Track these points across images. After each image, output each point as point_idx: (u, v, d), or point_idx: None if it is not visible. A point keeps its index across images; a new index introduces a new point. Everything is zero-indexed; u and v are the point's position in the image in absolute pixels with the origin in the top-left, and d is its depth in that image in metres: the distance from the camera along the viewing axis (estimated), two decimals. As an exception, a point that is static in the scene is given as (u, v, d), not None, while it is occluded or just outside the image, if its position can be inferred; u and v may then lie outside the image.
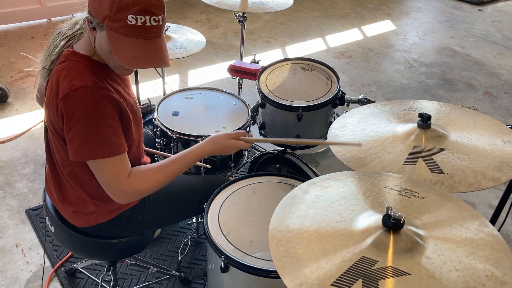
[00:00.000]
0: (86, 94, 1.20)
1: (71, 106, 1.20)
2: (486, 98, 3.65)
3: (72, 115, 1.20)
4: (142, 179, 1.32)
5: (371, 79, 3.79)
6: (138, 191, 1.32)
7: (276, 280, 1.27)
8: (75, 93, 1.19)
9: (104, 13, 1.16)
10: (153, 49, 1.21)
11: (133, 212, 1.48)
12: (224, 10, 2.50)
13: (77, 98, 1.19)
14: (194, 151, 1.41)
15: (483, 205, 2.57)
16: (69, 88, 1.20)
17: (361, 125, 1.44)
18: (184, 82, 3.55)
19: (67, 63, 1.26)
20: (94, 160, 1.25)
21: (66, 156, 1.30)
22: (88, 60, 1.26)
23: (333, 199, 1.09)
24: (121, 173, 1.28)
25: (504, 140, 1.30)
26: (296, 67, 2.08)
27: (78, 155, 1.24)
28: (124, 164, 1.29)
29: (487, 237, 0.97)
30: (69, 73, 1.23)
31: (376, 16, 5.09)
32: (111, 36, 1.18)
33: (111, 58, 1.22)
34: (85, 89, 1.19)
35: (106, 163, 1.25)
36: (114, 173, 1.27)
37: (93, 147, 1.22)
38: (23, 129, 2.84)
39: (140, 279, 1.98)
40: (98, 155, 1.23)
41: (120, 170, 1.28)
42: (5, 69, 3.44)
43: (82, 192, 1.39)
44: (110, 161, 1.25)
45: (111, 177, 1.27)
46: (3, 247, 2.09)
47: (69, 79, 1.21)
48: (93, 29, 1.22)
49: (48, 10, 4.13)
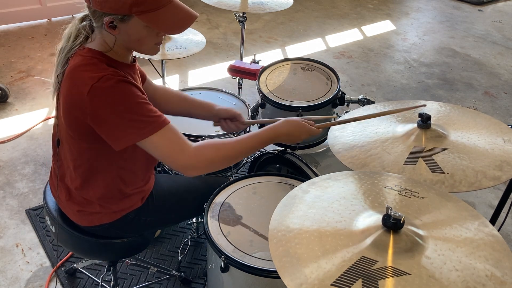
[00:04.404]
0: (109, 81, 1.18)
1: (99, 97, 1.18)
2: (486, 98, 3.65)
3: (103, 107, 1.18)
4: (212, 146, 1.29)
5: (371, 79, 3.79)
6: (207, 157, 1.28)
7: (276, 280, 1.27)
8: (98, 84, 1.17)
9: (128, 3, 1.16)
10: (180, 7, 1.25)
11: (136, 214, 1.48)
12: (224, 10, 2.51)
13: (102, 88, 1.17)
14: (268, 130, 1.38)
15: (483, 205, 2.57)
16: (91, 81, 1.18)
17: (361, 126, 1.44)
18: (184, 82, 3.55)
19: (82, 59, 1.24)
20: (145, 140, 1.21)
21: (81, 156, 1.30)
22: (102, 56, 1.26)
23: (333, 199, 1.09)
24: (179, 141, 1.25)
25: (504, 139, 1.30)
26: (296, 67, 2.08)
27: (126, 141, 1.21)
28: (177, 133, 1.26)
29: (487, 237, 0.97)
30: (85, 68, 1.22)
31: (376, 16, 5.09)
32: (147, 19, 1.19)
33: (146, 42, 1.25)
34: (106, 77, 1.18)
35: (159, 137, 1.22)
36: (172, 143, 1.24)
37: (138, 126, 1.20)
38: (23, 129, 2.85)
39: (140, 279, 1.98)
40: (146, 133, 1.20)
41: (177, 139, 1.25)
42: (5, 69, 3.44)
43: (89, 193, 1.38)
44: (162, 133, 1.22)
45: (171, 148, 1.24)
46: (3, 247, 2.09)
47: (87, 73, 1.20)
48: (114, 28, 1.21)
49: (48, 10, 4.13)
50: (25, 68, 3.46)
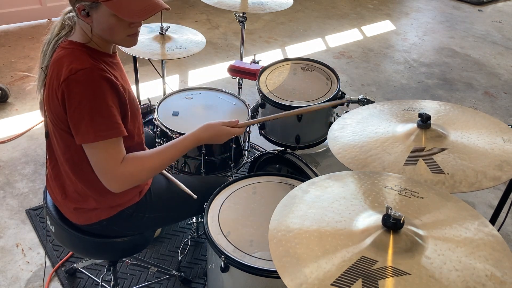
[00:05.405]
0: (86, 76, 1.21)
1: (72, 89, 1.21)
2: (486, 98, 3.66)
3: (74, 98, 1.21)
4: (136, 163, 1.31)
5: (371, 79, 3.79)
6: (133, 176, 1.31)
7: (276, 280, 1.27)
8: (75, 76, 1.20)
9: None
10: None
11: (134, 210, 1.48)
12: (224, 10, 2.50)
13: (77, 80, 1.20)
14: (189, 137, 1.42)
15: (483, 205, 2.57)
16: (68, 72, 1.21)
17: (361, 126, 1.44)
18: (184, 82, 3.55)
19: (64, 51, 1.27)
20: (94, 143, 1.24)
21: (69, 148, 1.31)
22: (84, 47, 1.28)
23: (333, 199, 1.09)
24: (116, 158, 1.27)
25: (504, 139, 1.30)
26: (296, 67, 2.08)
27: (85, 138, 1.23)
28: (120, 149, 1.29)
29: (487, 237, 0.98)
30: (67, 59, 1.24)
31: (376, 16, 5.09)
32: (111, 5, 1.20)
33: (116, 31, 1.26)
34: (84, 71, 1.21)
35: (105, 146, 1.25)
36: (110, 158, 1.26)
37: (98, 128, 1.22)
38: (23, 129, 2.85)
39: (140, 279, 1.98)
40: (103, 136, 1.23)
41: (115, 154, 1.28)
42: (5, 69, 3.44)
43: (83, 187, 1.39)
44: (109, 144, 1.25)
45: (106, 162, 1.26)
46: (3, 247, 2.09)
47: (67, 64, 1.23)
48: (87, 16, 1.23)
49: (48, 10, 4.13)
50: (25, 68, 3.46)
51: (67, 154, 1.34)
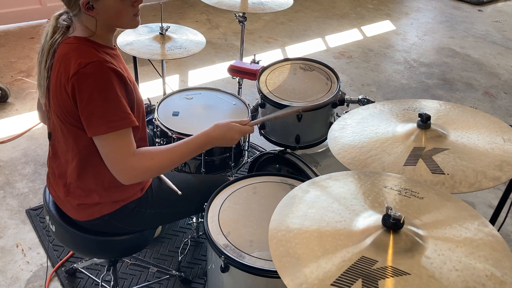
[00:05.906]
0: (96, 69, 1.22)
1: (83, 82, 1.22)
2: (486, 98, 3.66)
3: (85, 91, 1.22)
4: (147, 156, 1.32)
5: (371, 79, 3.79)
6: (142, 169, 1.31)
7: (276, 280, 1.27)
8: (85, 70, 1.22)
9: None
10: None
11: (136, 205, 1.48)
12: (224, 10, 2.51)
13: (87, 73, 1.22)
14: (199, 136, 1.41)
15: (482, 205, 2.57)
16: (78, 66, 1.22)
17: (361, 126, 1.44)
18: (184, 82, 3.55)
19: (69, 46, 1.28)
20: (106, 135, 1.25)
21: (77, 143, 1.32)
22: (88, 41, 1.30)
23: (333, 199, 1.09)
24: (128, 148, 1.29)
25: (504, 139, 1.30)
26: (296, 67, 2.08)
27: (97, 129, 1.24)
28: (131, 140, 1.30)
29: (487, 237, 0.98)
30: (74, 54, 1.25)
31: (376, 16, 5.09)
32: None
33: (124, 13, 1.28)
34: (93, 64, 1.22)
35: (117, 137, 1.26)
36: (121, 149, 1.27)
37: (110, 119, 1.24)
38: (23, 129, 2.85)
39: (140, 279, 1.98)
40: (115, 127, 1.25)
41: (127, 144, 1.29)
42: (5, 69, 3.44)
43: (88, 181, 1.40)
44: (120, 135, 1.26)
45: (119, 151, 1.27)
46: (3, 247, 2.09)
47: (75, 58, 1.24)
48: (92, 9, 1.25)
49: (48, 10, 4.13)
50: (25, 68, 3.46)
51: (75, 150, 1.35)
